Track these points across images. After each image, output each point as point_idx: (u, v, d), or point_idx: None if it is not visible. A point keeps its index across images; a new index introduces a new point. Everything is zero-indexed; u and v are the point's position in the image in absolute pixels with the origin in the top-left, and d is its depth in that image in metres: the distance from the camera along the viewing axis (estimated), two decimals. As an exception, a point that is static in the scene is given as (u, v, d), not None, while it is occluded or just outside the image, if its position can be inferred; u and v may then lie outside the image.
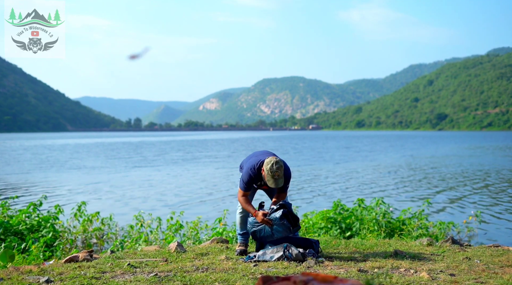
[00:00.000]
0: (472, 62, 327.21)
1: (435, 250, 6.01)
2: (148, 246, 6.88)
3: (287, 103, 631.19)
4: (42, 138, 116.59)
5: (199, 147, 64.93)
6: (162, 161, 37.86)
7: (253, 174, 5.65)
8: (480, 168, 29.54)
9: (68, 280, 4.45)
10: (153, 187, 21.14)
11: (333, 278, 1.80)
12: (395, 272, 4.86)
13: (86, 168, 30.61)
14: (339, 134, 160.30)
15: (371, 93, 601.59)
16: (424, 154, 45.41)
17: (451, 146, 64.16)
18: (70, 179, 24.23)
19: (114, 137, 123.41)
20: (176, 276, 4.61)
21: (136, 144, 73.90)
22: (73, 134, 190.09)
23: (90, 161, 37.80)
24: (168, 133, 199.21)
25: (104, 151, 53.04)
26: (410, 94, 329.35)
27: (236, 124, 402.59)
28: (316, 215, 8.70)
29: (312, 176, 25.46)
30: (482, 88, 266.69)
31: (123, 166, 32.32)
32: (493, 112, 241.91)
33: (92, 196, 18.00)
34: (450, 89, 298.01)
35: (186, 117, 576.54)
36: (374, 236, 7.76)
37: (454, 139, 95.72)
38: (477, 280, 4.57)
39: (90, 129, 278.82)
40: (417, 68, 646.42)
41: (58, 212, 8.58)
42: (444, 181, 22.69)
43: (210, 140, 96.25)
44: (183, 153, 50.31)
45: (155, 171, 28.69)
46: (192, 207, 15.71)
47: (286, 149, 58.09)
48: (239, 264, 5.19)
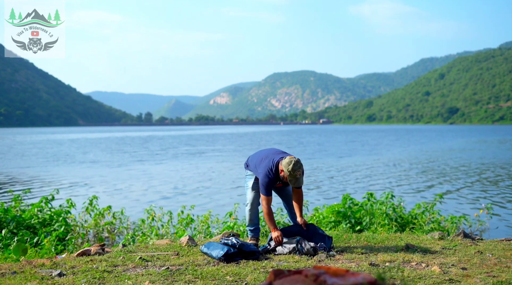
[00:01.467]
0: (483, 56, 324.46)
1: (446, 244, 5.99)
2: (160, 240, 6.91)
3: (298, 97, 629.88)
4: (54, 132, 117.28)
5: (209, 141, 65.02)
6: (172, 155, 37.97)
7: (272, 176, 5.61)
8: (490, 161, 29.36)
9: (80, 274, 4.48)
10: (164, 181, 21.21)
11: (345, 271, 1.80)
12: (407, 266, 4.86)
13: (97, 162, 30.76)
14: (349, 129, 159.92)
15: (382, 87, 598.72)
16: (434, 148, 45.19)
17: (462, 139, 63.79)
18: (82, 173, 24.36)
19: (125, 132, 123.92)
20: (188, 270, 4.64)
21: (146, 138, 74.13)
22: (84, 128, 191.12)
23: (102, 155, 37.99)
24: (178, 128, 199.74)
25: (115, 145, 53.26)
26: (421, 88, 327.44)
27: (247, 118, 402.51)
28: (326, 209, 8.69)
29: (318, 169, 25.44)
30: (494, 81, 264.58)
31: (134, 160, 32.45)
32: (505, 106, 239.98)
33: (103, 190, 18.09)
34: (461, 83, 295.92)
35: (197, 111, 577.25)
36: (385, 230, 7.75)
37: (466, 133, 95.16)
38: (489, 274, 4.55)
39: (101, 123, 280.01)
40: (428, 61, 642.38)
41: (70, 206, 8.64)
42: (454, 175, 22.58)
43: (220, 134, 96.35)
44: (193, 147, 50.42)
45: (166, 165, 28.77)
46: (203, 200, 15.75)
47: (293, 143, 58.02)
48: (250, 258, 5.20)
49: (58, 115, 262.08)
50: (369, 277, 1.74)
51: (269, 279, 1.81)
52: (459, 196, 16.53)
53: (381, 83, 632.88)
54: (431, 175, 22.63)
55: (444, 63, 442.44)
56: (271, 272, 1.82)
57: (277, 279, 1.79)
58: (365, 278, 1.73)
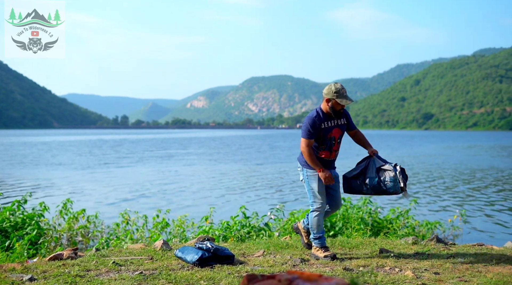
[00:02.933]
0: (458, 63, 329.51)
1: (420, 249, 6.05)
2: (134, 244, 6.86)
3: (275, 101, 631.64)
4: (28, 135, 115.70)
5: (184, 145, 64.79)
6: (147, 158, 37.74)
7: (315, 116, 5.37)
8: (464, 167, 29.76)
9: (52, 278, 4.42)
10: (139, 184, 21.06)
11: (318, 276, 1.80)
12: (380, 271, 4.89)
13: (69, 165, 30.42)
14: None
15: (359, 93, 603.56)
16: (409, 153, 45.67)
17: (437, 145, 64.59)
18: (53, 176, 24.06)
19: (100, 135, 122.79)
20: (162, 274, 4.60)
21: (120, 142, 73.58)
22: (59, 131, 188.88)
23: (74, 158, 37.58)
24: (155, 131, 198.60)
25: (88, 148, 52.76)
26: (397, 94, 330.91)
27: (224, 122, 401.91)
28: (302, 214, 8.71)
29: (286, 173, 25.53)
30: (468, 88, 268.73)
31: (107, 163, 32.17)
32: (478, 113, 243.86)
33: (76, 193, 17.89)
34: (436, 89, 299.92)
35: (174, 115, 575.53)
36: (360, 234, 7.79)
37: (441, 138, 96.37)
38: (461, 279, 4.61)
39: (77, 126, 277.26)
40: (404, 68, 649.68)
41: (43, 209, 8.52)
42: (429, 180, 22.83)
43: (196, 138, 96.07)
44: (168, 150, 50.20)
45: (141, 169, 28.59)
46: (178, 205, 15.68)
47: (264, 148, 58.14)
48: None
49: (32, 117, 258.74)
50: (342, 282, 1.74)
51: (243, 284, 1.80)
52: (434, 202, 16.71)
53: (357, 89, 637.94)
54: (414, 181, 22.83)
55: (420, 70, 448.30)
56: (244, 277, 1.82)
57: (250, 284, 1.79)
58: (338, 283, 1.74)
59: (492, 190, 19.46)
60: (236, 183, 22.00)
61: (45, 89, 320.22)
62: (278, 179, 23.39)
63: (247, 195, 18.26)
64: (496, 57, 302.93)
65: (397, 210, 9.06)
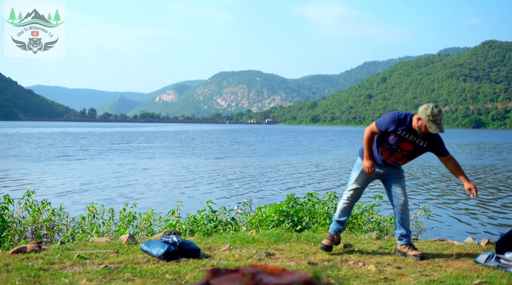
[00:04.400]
0: (424, 61, 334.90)
1: (383, 244, 6.16)
2: (100, 237, 6.81)
3: (244, 97, 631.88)
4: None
5: (152, 138, 64.32)
6: (114, 151, 37.33)
7: (399, 117, 5.23)
8: (426, 163, 30.27)
9: (15, 271, 4.36)
10: (104, 178, 20.84)
11: (281, 270, 1.84)
12: (344, 265, 4.97)
13: (33, 158, 29.91)
14: (292, 129, 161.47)
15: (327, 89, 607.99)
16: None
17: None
18: (15, 168, 23.64)
19: (67, 127, 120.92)
20: (127, 268, 4.59)
21: (87, 134, 72.62)
22: (25, 123, 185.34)
23: (38, 150, 36.95)
24: (123, 124, 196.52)
25: (55, 141, 51.92)
26: (364, 91, 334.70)
27: (193, 116, 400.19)
28: (269, 208, 8.76)
29: (259, 169, 25.64)
30: (433, 86, 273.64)
31: (71, 156, 31.73)
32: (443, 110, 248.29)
33: (41, 186, 17.61)
34: (402, 87, 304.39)
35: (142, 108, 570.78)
36: (325, 229, 7.88)
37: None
38: (422, 273, 4.72)
39: (43, 118, 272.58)
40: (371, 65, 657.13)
41: (8, 202, 8.37)
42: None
43: (164, 132, 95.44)
44: (136, 144, 49.77)
45: (107, 162, 28.28)
46: (145, 198, 15.58)
47: (226, 141, 58.18)
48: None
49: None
50: (305, 276, 1.78)
51: (207, 278, 1.82)
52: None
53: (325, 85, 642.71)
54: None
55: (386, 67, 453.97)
56: (208, 271, 1.84)
57: (214, 277, 1.81)
58: (301, 277, 1.77)
59: (455, 187, 19.85)
60: (203, 177, 21.96)
61: (11, 81, 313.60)
62: (246, 173, 23.44)
63: (215, 189, 18.25)
64: (461, 56, 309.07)
65: (362, 206, 9.19)
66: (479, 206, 15.37)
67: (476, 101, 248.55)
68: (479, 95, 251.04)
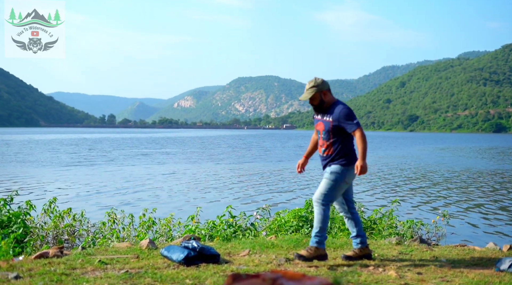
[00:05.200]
0: (443, 65, 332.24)
1: (403, 249, 6.12)
2: (120, 243, 6.86)
3: (262, 102, 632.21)
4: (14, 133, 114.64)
5: (174, 144, 64.59)
6: (132, 157, 37.58)
7: None
8: (448, 168, 30.00)
9: (38, 276, 4.42)
10: (125, 183, 20.99)
11: (301, 275, 1.84)
12: (364, 270, 4.95)
13: (57, 164, 30.23)
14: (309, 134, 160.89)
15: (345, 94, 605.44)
16: (392, 154, 45.93)
17: (422, 146, 65.01)
18: (38, 175, 23.90)
19: (87, 134, 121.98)
20: (147, 273, 4.62)
21: (109, 140, 73.16)
22: (45, 129, 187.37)
23: (62, 156, 37.33)
24: (142, 130, 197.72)
25: (75, 147, 52.42)
26: (383, 96, 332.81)
27: (211, 122, 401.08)
28: (288, 214, 8.75)
29: (277, 175, 25.61)
30: (453, 90, 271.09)
31: (94, 162, 32.00)
32: (462, 115, 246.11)
33: (62, 192, 17.79)
34: (421, 91, 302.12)
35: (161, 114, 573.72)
36: (344, 234, 7.85)
37: (425, 140, 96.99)
38: (443, 279, 4.68)
39: (63, 125, 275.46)
40: (389, 70, 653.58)
41: (30, 208, 8.48)
42: (413, 180, 23.00)
43: (184, 137, 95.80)
44: (155, 149, 50.03)
45: (127, 168, 28.47)
46: (164, 204, 15.66)
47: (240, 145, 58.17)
48: (211, 262, 5.22)
49: (18, 115, 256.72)
50: (325, 281, 1.78)
51: (227, 283, 1.83)
52: (418, 202, 16.85)
53: (343, 90, 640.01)
54: (390, 181, 23.00)
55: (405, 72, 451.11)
56: (229, 276, 1.85)
57: (234, 282, 1.82)
58: (321, 282, 1.77)
59: (476, 192, 19.65)
60: (222, 182, 22.01)
61: (32, 88, 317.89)
62: (264, 179, 23.44)
63: (233, 194, 18.29)
64: (481, 60, 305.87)
65: (380, 211, 9.14)
66: (501, 211, 15.20)
67: (497, 105, 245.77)
68: (500, 99, 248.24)
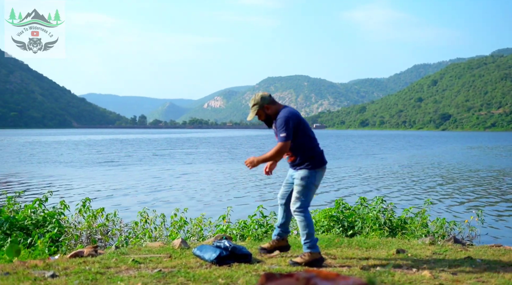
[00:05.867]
0: (476, 63, 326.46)
1: (437, 249, 6.04)
2: (152, 242, 6.93)
3: (292, 102, 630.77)
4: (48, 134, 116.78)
5: (201, 144, 64.95)
6: (163, 157, 37.91)
7: None
8: (481, 167, 29.50)
9: (73, 275, 4.49)
10: (156, 183, 21.18)
11: (335, 275, 1.83)
12: (397, 270, 4.90)
13: (89, 164, 30.68)
14: (341, 134, 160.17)
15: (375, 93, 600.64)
16: (425, 153, 45.35)
17: (454, 145, 64.04)
18: (74, 175, 24.29)
19: (120, 134, 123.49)
20: (180, 272, 4.65)
21: (140, 141, 73.94)
22: (78, 130, 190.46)
23: (94, 157, 37.88)
24: (172, 131, 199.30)
25: (107, 147, 53.12)
26: (414, 94, 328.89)
27: (241, 122, 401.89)
28: (319, 213, 8.73)
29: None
30: (486, 88, 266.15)
31: (127, 163, 32.38)
32: (496, 113, 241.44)
33: (94, 192, 18.06)
34: (454, 89, 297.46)
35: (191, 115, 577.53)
36: (377, 234, 7.79)
37: (458, 139, 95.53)
38: (479, 279, 4.60)
39: (96, 126, 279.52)
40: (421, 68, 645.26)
41: (64, 208, 8.64)
42: (445, 180, 22.68)
43: (212, 138, 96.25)
44: (187, 150, 50.37)
45: (158, 168, 28.73)
46: (195, 204, 15.76)
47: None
48: (242, 261, 5.23)
49: (52, 117, 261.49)
50: (359, 281, 1.77)
51: (261, 282, 1.83)
52: (450, 202, 16.61)
53: (374, 89, 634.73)
54: (422, 180, 22.72)
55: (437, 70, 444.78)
56: (262, 275, 1.85)
57: (268, 282, 1.82)
58: (356, 282, 1.76)
59: (509, 191, 19.29)
60: (252, 182, 22.04)
61: (65, 89, 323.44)
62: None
63: (263, 194, 18.30)
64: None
65: (411, 210, 9.03)
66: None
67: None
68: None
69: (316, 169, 5.35)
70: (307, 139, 5.40)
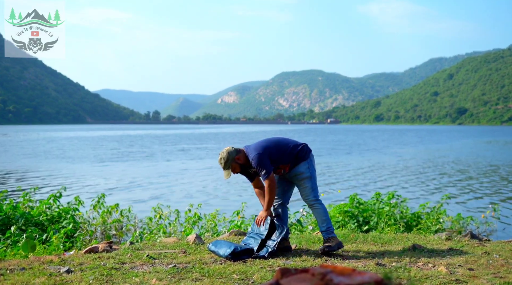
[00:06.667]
0: (493, 56, 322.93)
1: (453, 245, 5.98)
2: (167, 238, 6.95)
3: (306, 96, 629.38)
4: (62, 130, 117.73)
5: (216, 139, 65.07)
6: (178, 153, 38.02)
7: None
8: (498, 162, 29.23)
9: (88, 270, 4.51)
10: (170, 179, 21.25)
11: (351, 270, 1.81)
12: (413, 266, 4.86)
13: (104, 160, 30.86)
14: (355, 128, 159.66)
15: (390, 87, 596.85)
16: (441, 148, 45.04)
17: (470, 139, 63.54)
18: (88, 171, 24.44)
19: (133, 130, 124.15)
20: (195, 268, 4.66)
21: (153, 136, 74.26)
22: (92, 126, 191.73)
23: (107, 152, 38.09)
24: (186, 126, 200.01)
25: (121, 143, 53.41)
26: (430, 88, 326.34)
27: (254, 117, 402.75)
28: (333, 209, 8.69)
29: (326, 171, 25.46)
30: (503, 82, 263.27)
31: (140, 158, 32.53)
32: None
33: (108, 188, 18.15)
34: (470, 83, 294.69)
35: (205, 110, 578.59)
36: (392, 230, 7.74)
37: (474, 133, 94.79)
38: (496, 275, 4.55)
39: (109, 121, 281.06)
40: (437, 62, 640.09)
41: (78, 203, 8.70)
42: (461, 175, 22.50)
43: (226, 133, 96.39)
44: (200, 146, 50.49)
45: (171, 164, 28.82)
46: (210, 199, 15.78)
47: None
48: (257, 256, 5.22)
49: (66, 113, 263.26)
50: (375, 276, 1.74)
51: (276, 278, 1.82)
52: (467, 197, 16.48)
53: (389, 83, 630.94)
54: (437, 175, 22.56)
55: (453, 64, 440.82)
56: (278, 271, 1.83)
57: (284, 277, 1.80)
58: (372, 277, 1.74)
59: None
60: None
61: (79, 85, 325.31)
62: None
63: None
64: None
65: (427, 205, 8.96)
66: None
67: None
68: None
69: (307, 159, 5.59)
70: (285, 149, 5.56)
